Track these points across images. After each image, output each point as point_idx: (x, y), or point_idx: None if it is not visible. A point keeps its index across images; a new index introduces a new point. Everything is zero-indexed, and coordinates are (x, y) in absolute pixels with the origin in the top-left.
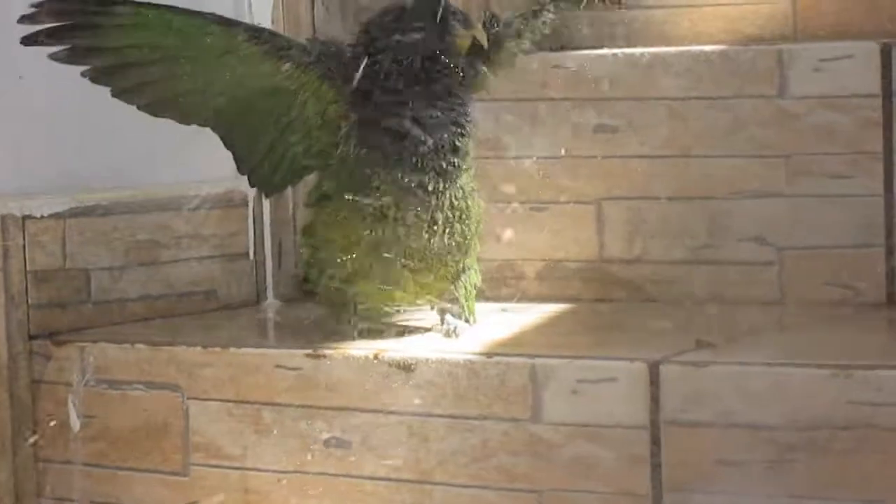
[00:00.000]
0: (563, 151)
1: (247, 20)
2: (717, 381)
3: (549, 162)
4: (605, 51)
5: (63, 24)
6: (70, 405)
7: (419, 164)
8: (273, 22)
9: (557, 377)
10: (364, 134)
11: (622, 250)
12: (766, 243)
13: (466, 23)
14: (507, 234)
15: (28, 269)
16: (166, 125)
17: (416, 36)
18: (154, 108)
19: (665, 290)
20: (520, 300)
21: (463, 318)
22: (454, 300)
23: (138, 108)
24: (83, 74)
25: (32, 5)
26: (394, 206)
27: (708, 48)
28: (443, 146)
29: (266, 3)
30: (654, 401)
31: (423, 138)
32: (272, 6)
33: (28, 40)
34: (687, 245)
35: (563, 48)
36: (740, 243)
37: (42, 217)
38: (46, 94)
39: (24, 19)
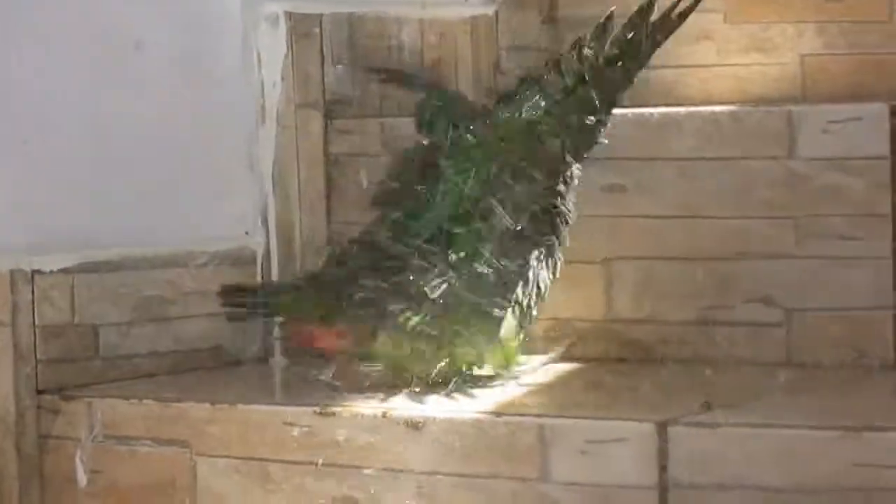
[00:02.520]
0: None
1: (257, 77)
2: (725, 443)
3: None
4: (614, 110)
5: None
6: (77, 461)
7: None
8: (283, 79)
9: (566, 437)
10: None
11: (631, 310)
12: (775, 304)
13: None
14: None
15: (37, 323)
16: (175, 182)
17: None
18: None
19: (674, 351)
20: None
21: None
22: None
23: None
24: None
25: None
26: None
27: (717, 109)
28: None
29: (276, 60)
30: (663, 462)
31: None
32: (282, 64)
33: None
34: (695, 305)
35: None
36: (749, 304)
37: (51, 272)
38: (56, 151)
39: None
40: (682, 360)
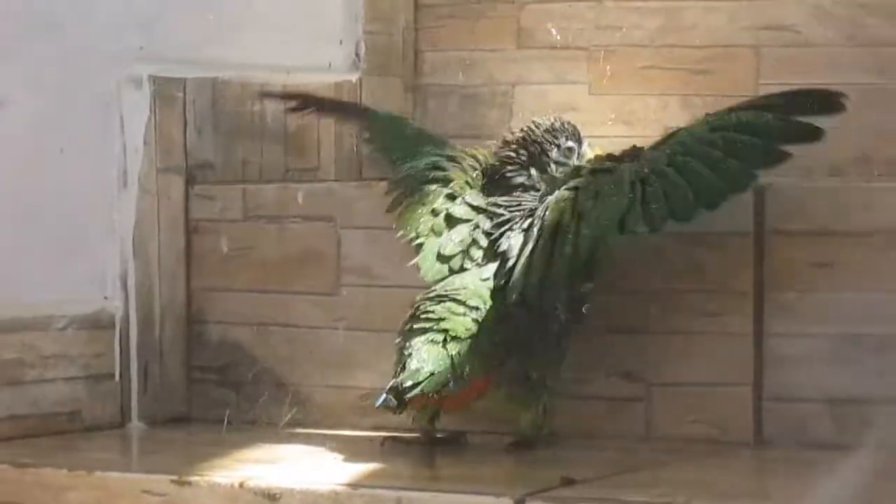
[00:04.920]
0: None
1: (118, 140)
2: None
3: (421, 291)
4: None
5: None
6: None
7: None
8: (145, 143)
9: None
10: None
11: None
12: (635, 379)
13: None
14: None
15: None
16: (33, 244)
17: None
18: None
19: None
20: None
21: None
22: None
23: None
24: None
25: None
26: None
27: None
28: None
29: (139, 124)
30: None
31: None
32: (145, 127)
33: None
34: None
35: None
36: (609, 378)
37: None
38: None
39: None
40: (544, 434)
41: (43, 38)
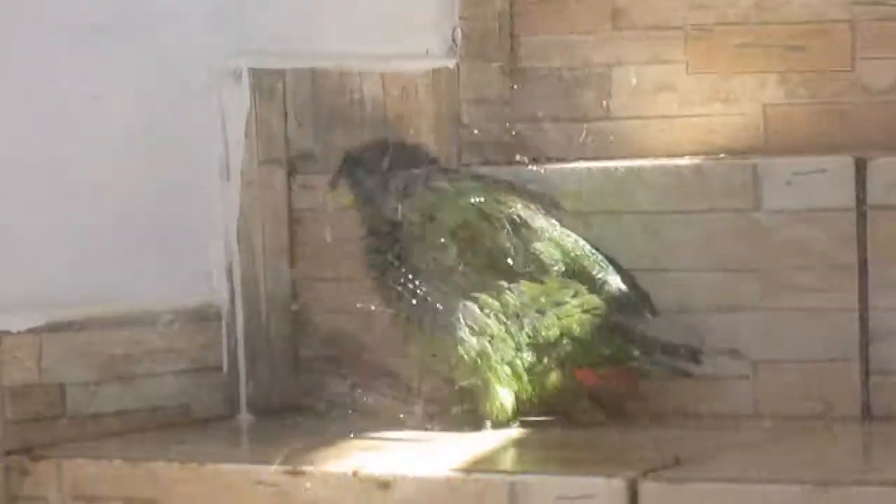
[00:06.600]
0: None
1: (220, 134)
2: (695, 498)
3: None
4: (578, 164)
5: None
6: None
7: None
8: (246, 135)
9: (536, 494)
10: None
11: None
12: (741, 357)
13: None
14: None
15: (4, 384)
16: (138, 239)
17: None
18: None
19: (641, 405)
20: None
21: None
22: None
23: None
24: None
25: None
26: None
27: (682, 162)
28: None
29: (239, 117)
30: None
31: None
32: (246, 120)
33: None
34: None
35: (535, 160)
36: (715, 357)
37: (18, 332)
38: (19, 211)
39: None
40: (650, 415)
41: (140, 33)
